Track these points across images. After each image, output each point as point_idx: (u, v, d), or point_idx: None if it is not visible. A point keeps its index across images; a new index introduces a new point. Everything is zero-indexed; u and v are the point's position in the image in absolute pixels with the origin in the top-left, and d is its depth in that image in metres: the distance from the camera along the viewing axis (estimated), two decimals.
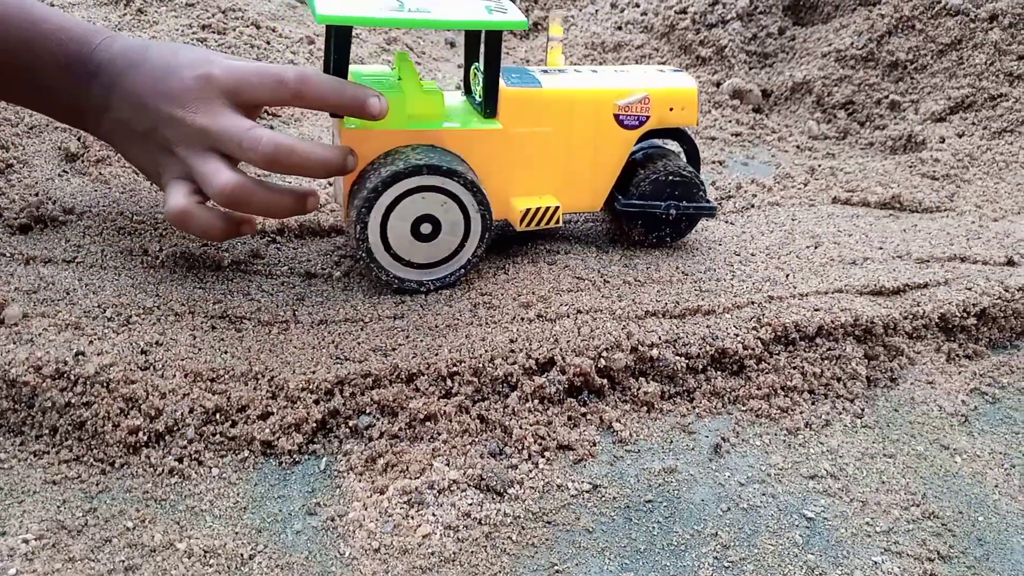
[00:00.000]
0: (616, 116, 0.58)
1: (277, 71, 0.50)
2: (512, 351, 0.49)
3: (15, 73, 0.51)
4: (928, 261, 0.64)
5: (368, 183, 0.51)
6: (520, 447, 0.45)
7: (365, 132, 0.52)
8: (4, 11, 0.49)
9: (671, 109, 0.59)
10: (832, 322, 0.53)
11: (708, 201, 0.62)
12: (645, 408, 0.49)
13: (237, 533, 0.39)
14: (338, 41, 0.51)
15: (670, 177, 0.60)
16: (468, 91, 0.59)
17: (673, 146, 0.64)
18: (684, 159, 0.63)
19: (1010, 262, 0.64)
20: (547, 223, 0.58)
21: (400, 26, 0.50)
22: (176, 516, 0.40)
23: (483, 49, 0.53)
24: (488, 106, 0.55)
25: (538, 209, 0.57)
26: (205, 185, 0.49)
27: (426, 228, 0.53)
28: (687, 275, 0.59)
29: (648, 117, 0.59)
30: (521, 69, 0.59)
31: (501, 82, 0.55)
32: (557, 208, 0.57)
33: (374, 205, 0.51)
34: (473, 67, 0.58)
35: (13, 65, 0.51)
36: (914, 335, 0.56)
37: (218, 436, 0.43)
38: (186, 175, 0.50)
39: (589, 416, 0.48)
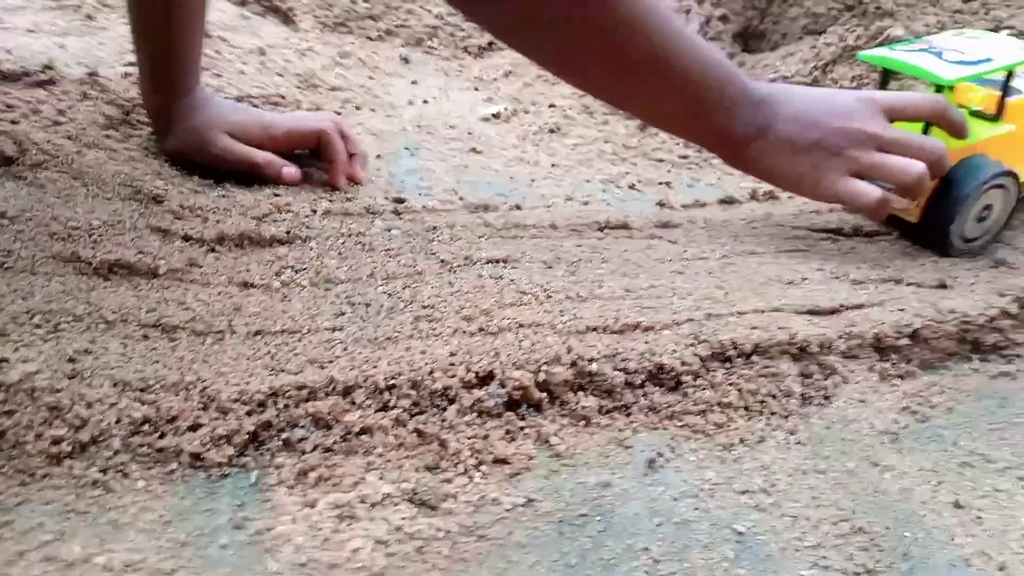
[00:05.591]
0: None
1: (935, 97, 0.66)
2: (452, 364, 0.49)
3: (710, 107, 0.62)
4: (864, 283, 0.65)
5: (964, 187, 0.67)
6: (455, 461, 0.45)
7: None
8: (712, 56, 0.61)
9: None
10: (769, 340, 0.54)
11: None
12: (583, 422, 0.49)
13: (160, 547, 0.38)
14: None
15: None
16: None
17: None
18: None
19: (942, 285, 0.65)
20: None
21: (995, 73, 0.69)
22: (97, 530, 0.38)
23: (1005, 74, 0.70)
24: (1000, 113, 0.72)
25: None
26: (897, 174, 0.63)
27: (983, 213, 0.69)
28: (629, 292, 0.59)
29: None
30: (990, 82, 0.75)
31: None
32: None
33: (965, 203, 0.67)
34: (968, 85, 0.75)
35: (713, 100, 0.62)
36: (848, 354, 0.57)
37: (145, 447, 0.42)
38: (854, 172, 0.64)
39: (527, 430, 0.48)
